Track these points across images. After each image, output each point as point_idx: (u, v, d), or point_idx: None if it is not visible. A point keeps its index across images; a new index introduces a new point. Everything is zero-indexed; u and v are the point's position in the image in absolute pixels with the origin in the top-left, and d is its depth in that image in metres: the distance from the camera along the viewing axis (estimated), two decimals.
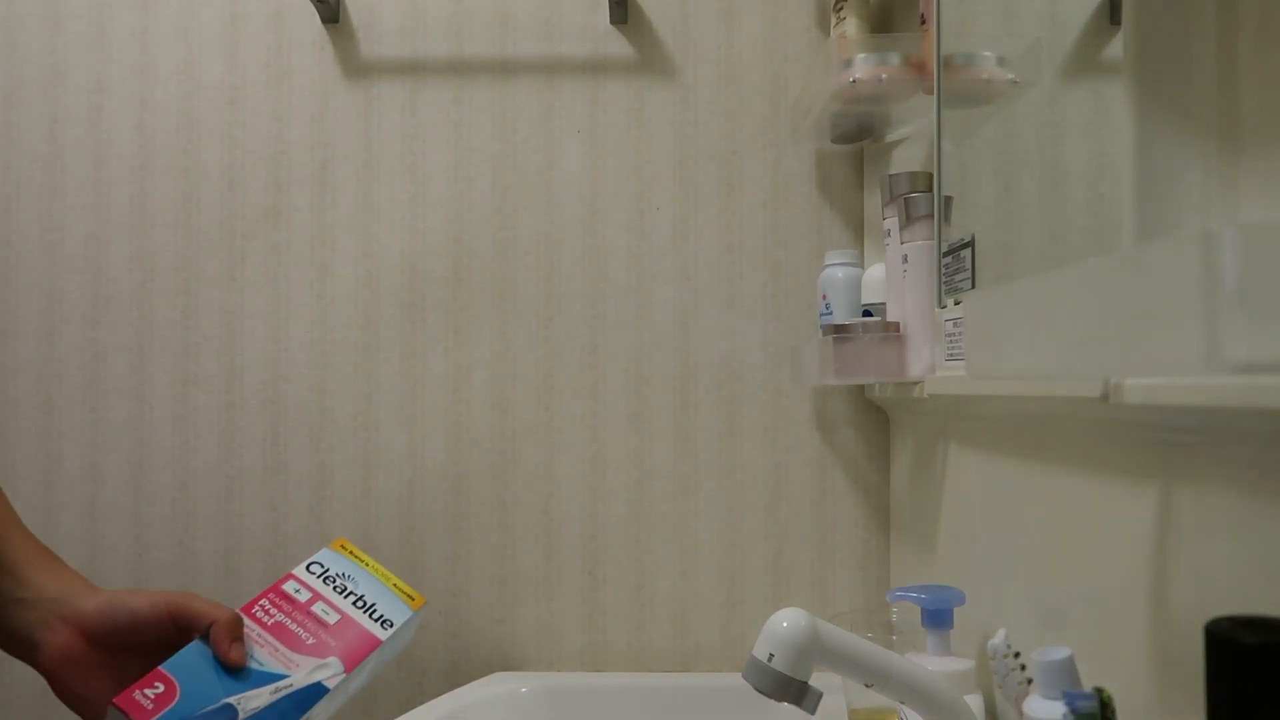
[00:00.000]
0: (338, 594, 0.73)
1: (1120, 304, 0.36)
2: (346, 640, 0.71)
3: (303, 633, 0.70)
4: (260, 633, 0.69)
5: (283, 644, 0.69)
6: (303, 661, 0.68)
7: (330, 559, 0.76)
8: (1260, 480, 0.47)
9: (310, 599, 0.73)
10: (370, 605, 0.74)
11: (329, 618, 0.72)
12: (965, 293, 0.83)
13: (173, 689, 0.62)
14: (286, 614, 0.71)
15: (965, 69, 0.90)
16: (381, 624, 0.73)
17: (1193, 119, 0.55)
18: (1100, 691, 0.50)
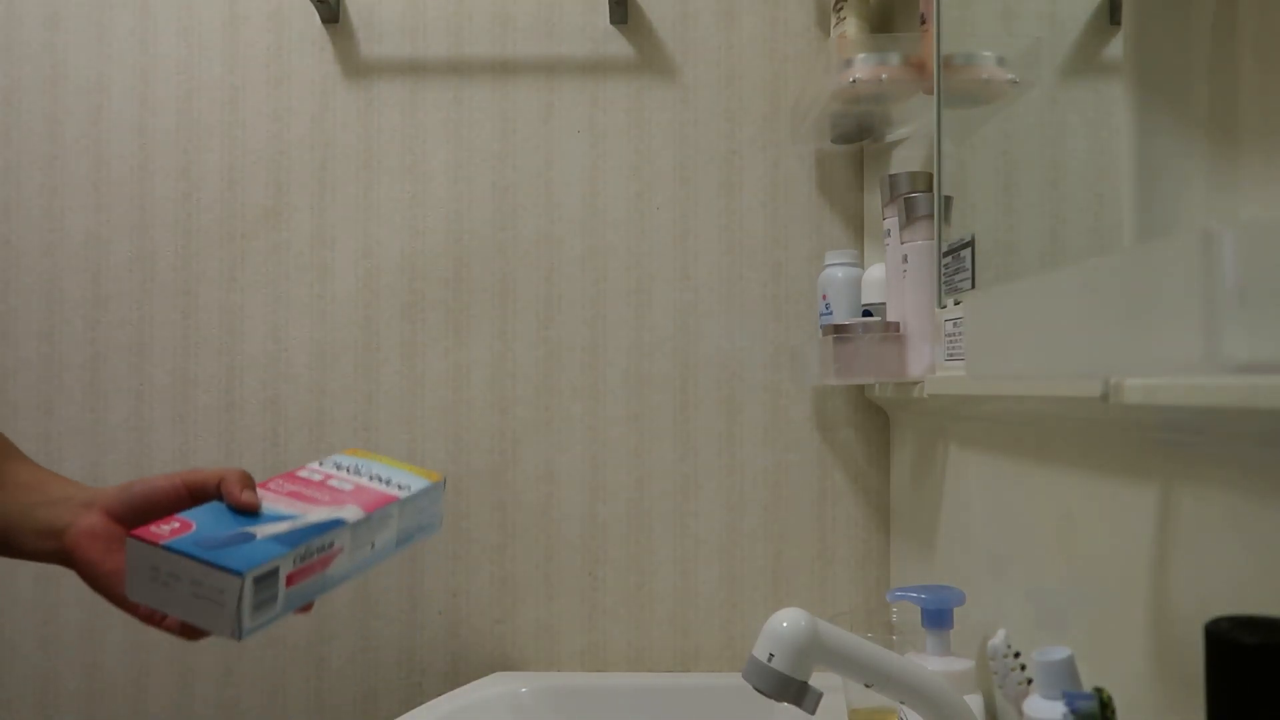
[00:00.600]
0: (353, 474, 0.73)
1: (1120, 304, 0.36)
2: (363, 498, 0.71)
3: (319, 495, 0.70)
4: (276, 496, 0.69)
5: (299, 500, 0.69)
6: (319, 510, 0.68)
7: (343, 458, 0.76)
8: (1260, 480, 0.47)
9: (324, 478, 0.72)
10: (386, 479, 0.74)
11: (344, 486, 0.72)
12: (965, 293, 0.83)
13: (188, 525, 0.63)
14: (301, 485, 0.71)
15: (965, 69, 0.90)
16: (399, 488, 0.73)
17: (1193, 119, 0.55)
18: (1100, 691, 0.50)
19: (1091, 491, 0.64)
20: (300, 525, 0.65)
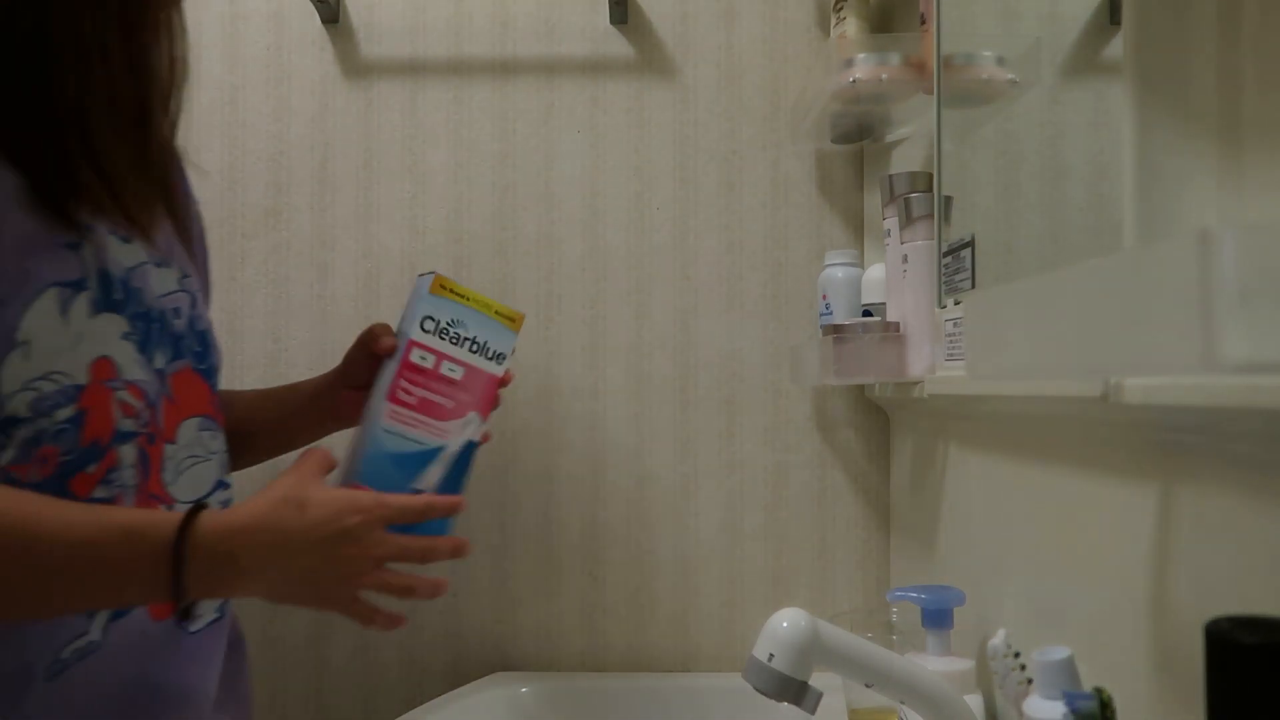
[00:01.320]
0: (455, 345, 0.79)
1: (1120, 304, 0.36)
2: (475, 391, 0.80)
3: (441, 399, 0.79)
4: (411, 415, 0.78)
5: (432, 418, 0.78)
6: (450, 428, 0.79)
7: (436, 307, 0.79)
8: (1260, 480, 0.47)
9: (435, 361, 0.79)
10: (483, 345, 0.80)
11: (456, 374, 0.80)
12: (965, 293, 0.83)
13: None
14: (424, 386, 0.78)
15: (965, 69, 0.90)
16: (496, 360, 0.81)
17: (1193, 119, 0.55)
18: (1100, 691, 0.50)
19: (1091, 491, 0.64)
20: (448, 463, 0.79)
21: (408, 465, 0.77)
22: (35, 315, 0.58)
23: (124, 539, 0.58)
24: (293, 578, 0.65)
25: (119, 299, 0.64)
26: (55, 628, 0.60)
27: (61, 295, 0.59)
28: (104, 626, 0.63)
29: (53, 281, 0.59)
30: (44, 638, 0.60)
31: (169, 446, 0.69)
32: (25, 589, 0.57)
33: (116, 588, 0.59)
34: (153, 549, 0.58)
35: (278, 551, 0.64)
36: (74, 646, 0.61)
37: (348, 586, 0.69)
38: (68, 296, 0.60)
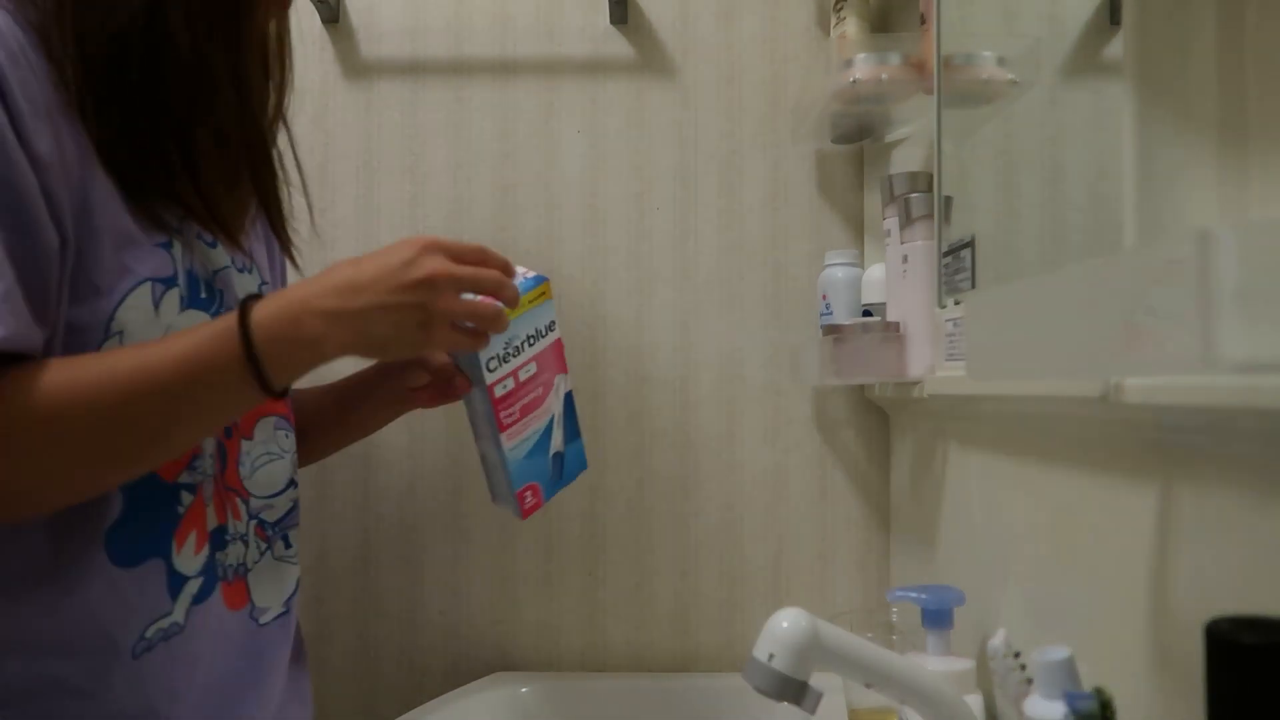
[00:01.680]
0: (518, 355, 0.82)
1: (1120, 304, 0.36)
2: (550, 365, 0.86)
3: (533, 395, 0.85)
4: (520, 424, 0.84)
5: (534, 411, 0.85)
6: (550, 402, 0.86)
7: (487, 350, 0.79)
8: (1260, 480, 0.47)
9: (514, 379, 0.82)
10: (535, 332, 0.83)
11: (531, 370, 0.84)
12: (965, 293, 0.83)
13: (536, 487, 0.86)
14: (518, 400, 0.83)
15: (965, 69, 0.90)
16: (550, 330, 0.85)
17: (1193, 119, 0.55)
18: (1100, 691, 0.50)
19: (1091, 491, 0.64)
20: (563, 421, 0.88)
21: (539, 450, 0.86)
22: (129, 308, 0.60)
23: (206, 342, 0.59)
24: (364, 312, 0.63)
25: (204, 298, 0.66)
26: (139, 606, 0.62)
27: (154, 290, 0.62)
28: (186, 609, 0.65)
29: (146, 277, 0.61)
30: (129, 616, 0.62)
31: (245, 442, 0.72)
32: (147, 421, 0.58)
33: (217, 392, 0.60)
34: (227, 342, 0.60)
35: (341, 289, 0.62)
36: (158, 626, 0.63)
37: (422, 311, 0.64)
38: (160, 292, 0.62)
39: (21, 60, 0.55)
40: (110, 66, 0.59)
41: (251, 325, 0.60)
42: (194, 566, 0.66)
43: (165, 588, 0.64)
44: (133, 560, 0.62)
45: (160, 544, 0.64)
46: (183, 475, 0.66)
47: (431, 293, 0.64)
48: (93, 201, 0.58)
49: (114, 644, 0.61)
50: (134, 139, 0.60)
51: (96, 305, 0.59)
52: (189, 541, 0.66)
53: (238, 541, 0.71)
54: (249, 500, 0.72)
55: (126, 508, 0.62)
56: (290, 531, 0.77)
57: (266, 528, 0.74)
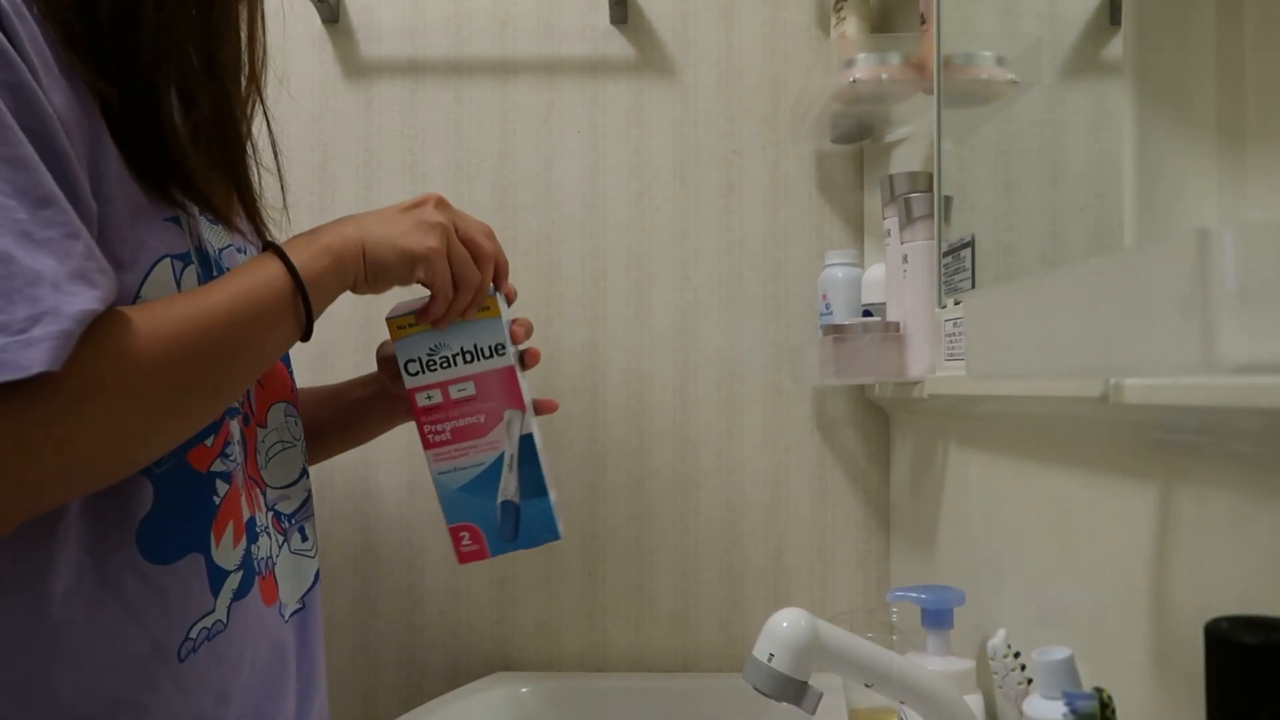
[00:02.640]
0: (447, 368, 0.76)
1: (1120, 304, 0.36)
2: (497, 392, 0.77)
3: (470, 420, 0.77)
4: (452, 449, 0.77)
5: (472, 439, 0.77)
6: (495, 436, 0.77)
7: (408, 348, 0.77)
8: (1260, 480, 0.47)
9: (442, 393, 0.77)
10: (474, 349, 0.77)
11: (468, 390, 0.77)
12: (965, 293, 0.83)
13: (476, 531, 0.78)
14: (447, 419, 0.77)
15: (965, 69, 0.90)
16: (497, 353, 0.77)
17: (1193, 119, 0.55)
18: (1100, 691, 0.50)
19: (1091, 491, 0.64)
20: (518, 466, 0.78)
21: (481, 488, 0.78)
22: (154, 284, 0.58)
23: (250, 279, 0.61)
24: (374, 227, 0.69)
25: (215, 276, 0.65)
26: (180, 605, 0.60)
27: (174, 267, 0.60)
28: (228, 606, 0.63)
29: (164, 253, 0.60)
30: (170, 616, 0.60)
31: (260, 430, 0.71)
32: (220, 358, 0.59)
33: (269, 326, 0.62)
34: (271, 275, 0.62)
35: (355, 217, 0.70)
36: (201, 625, 0.61)
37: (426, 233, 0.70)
38: (179, 269, 0.61)
39: (26, 15, 0.53)
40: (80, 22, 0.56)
41: (288, 252, 0.63)
42: (233, 560, 0.64)
43: (206, 584, 0.62)
44: (169, 556, 0.60)
45: (198, 538, 0.62)
46: (216, 463, 0.63)
47: (439, 215, 0.70)
48: (104, 169, 0.56)
49: (159, 647, 0.59)
50: (129, 104, 0.59)
51: (122, 279, 0.56)
52: (227, 534, 0.64)
53: (264, 534, 0.69)
54: (266, 491, 0.71)
55: (158, 500, 0.60)
56: (306, 524, 0.76)
57: (283, 519, 0.73)
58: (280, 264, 0.63)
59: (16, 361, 0.46)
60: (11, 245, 0.47)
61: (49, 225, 0.49)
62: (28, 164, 0.49)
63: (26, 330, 0.47)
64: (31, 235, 0.48)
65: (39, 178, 0.49)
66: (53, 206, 0.49)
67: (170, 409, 0.56)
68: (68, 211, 0.50)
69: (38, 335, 0.47)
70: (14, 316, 0.47)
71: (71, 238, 0.50)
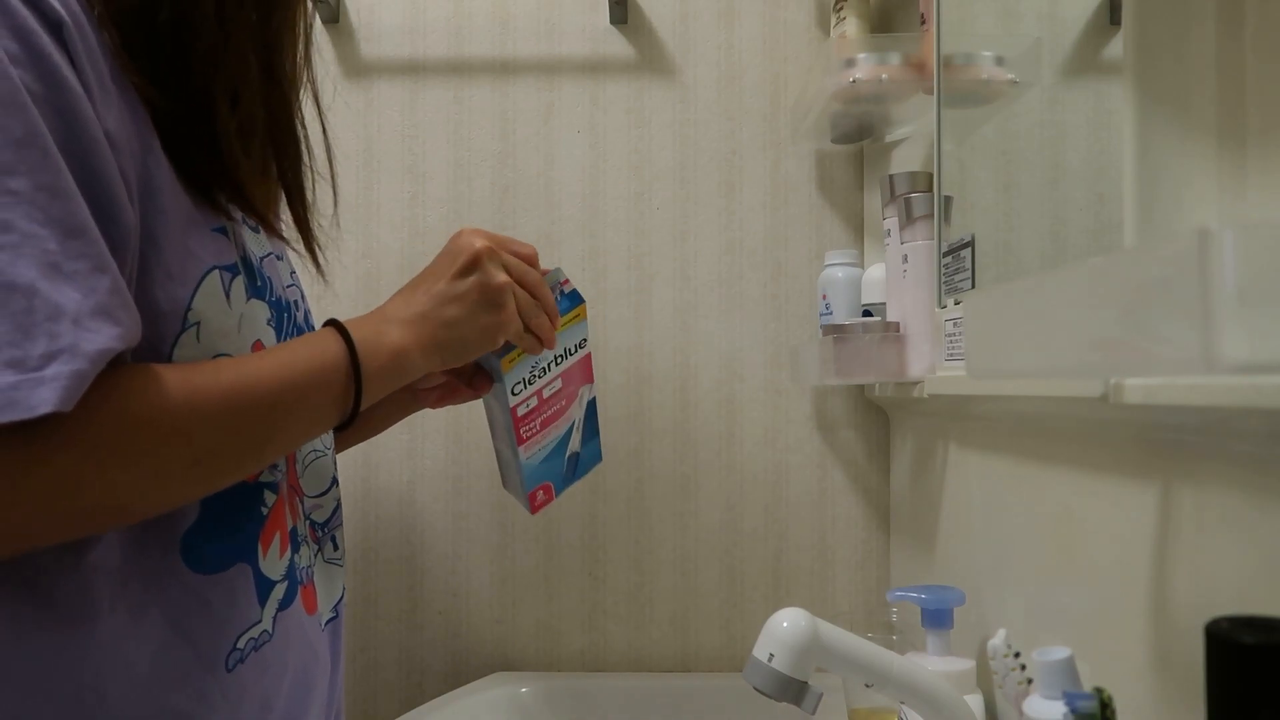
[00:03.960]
0: (543, 376, 0.81)
1: (1120, 304, 0.36)
2: (576, 378, 0.83)
3: (555, 407, 0.83)
4: (540, 435, 0.82)
5: (555, 421, 0.83)
6: (571, 411, 0.84)
7: (514, 375, 0.79)
8: (1260, 480, 0.47)
9: (537, 398, 0.81)
10: (564, 351, 0.81)
11: (556, 386, 0.82)
12: (965, 293, 0.83)
13: (549, 486, 0.86)
14: (538, 416, 0.82)
15: (965, 69, 0.90)
16: (580, 347, 0.83)
17: (1193, 119, 0.55)
18: (1100, 691, 0.50)
19: (1091, 491, 0.64)
20: (583, 426, 0.86)
21: (556, 454, 0.85)
22: (204, 296, 0.58)
23: (306, 357, 0.60)
24: (444, 317, 0.69)
25: (259, 286, 0.64)
26: (228, 616, 0.60)
27: (222, 278, 0.59)
28: (274, 616, 0.63)
29: (213, 264, 0.59)
30: (217, 627, 0.59)
31: None
32: (253, 431, 0.57)
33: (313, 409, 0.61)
34: (330, 358, 0.61)
35: (416, 298, 0.69)
36: (248, 636, 0.61)
37: (499, 312, 0.71)
38: (227, 280, 0.60)
39: (85, 25, 0.52)
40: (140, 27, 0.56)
41: (355, 341, 0.62)
42: (279, 570, 0.63)
43: (254, 594, 0.61)
44: (215, 566, 0.59)
45: (246, 548, 0.61)
46: (265, 474, 0.63)
47: (489, 268, 0.70)
48: (157, 181, 0.55)
49: (204, 658, 0.58)
50: (182, 112, 0.58)
51: (173, 292, 0.56)
52: (274, 544, 0.63)
53: (304, 543, 0.69)
54: (304, 500, 0.71)
55: (204, 511, 0.59)
56: (337, 532, 0.75)
57: (317, 528, 0.73)
58: (342, 349, 0.62)
59: (26, 401, 0.45)
60: (37, 277, 0.47)
61: (78, 257, 0.48)
62: (64, 193, 0.48)
63: (41, 368, 0.46)
64: (60, 267, 0.47)
65: (73, 207, 0.49)
66: (84, 238, 0.49)
67: (181, 476, 0.55)
68: (98, 244, 0.49)
69: (50, 374, 0.46)
70: (30, 353, 0.46)
71: (99, 271, 0.49)
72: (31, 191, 0.47)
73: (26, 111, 0.48)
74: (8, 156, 0.47)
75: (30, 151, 0.47)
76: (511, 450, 0.82)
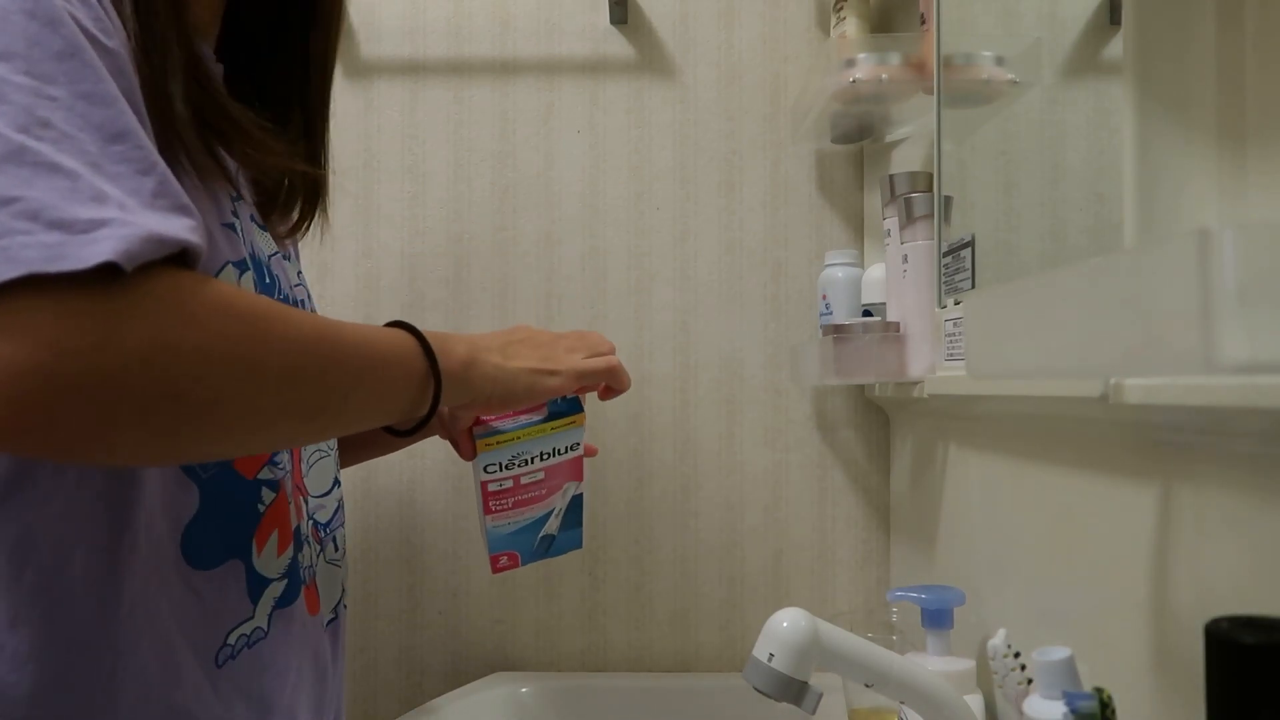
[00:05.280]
0: (525, 466, 0.81)
1: (1120, 304, 0.36)
2: (563, 473, 0.83)
3: (533, 493, 0.82)
4: (511, 514, 0.81)
5: (531, 505, 0.82)
6: (552, 501, 0.83)
7: (489, 458, 0.79)
8: (1260, 480, 0.47)
9: (514, 483, 0.81)
10: (553, 450, 0.81)
11: (538, 477, 0.81)
12: (965, 293, 0.83)
13: (514, 555, 0.84)
14: (511, 496, 0.81)
15: (965, 69, 0.90)
16: (572, 449, 0.83)
17: (1193, 119, 0.55)
18: (1100, 691, 0.50)
19: (1091, 491, 0.64)
20: (563, 514, 0.84)
21: (527, 531, 0.84)
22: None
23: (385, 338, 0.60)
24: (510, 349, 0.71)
25: (269, 283, 0.64)
26: (218, 610, 0.59)
27: (234, 273, 0.59)
28: (269, 613, 0.63)
29: (226, 259, 0.58)
30: (209, 621, 0.59)
31: None
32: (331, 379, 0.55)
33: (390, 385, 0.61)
34: (407, 348, 0.61)
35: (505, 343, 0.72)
36: (239, 632, 0.60)
37: (561, 349, 0.74)
38: (238, 275, 0.59)
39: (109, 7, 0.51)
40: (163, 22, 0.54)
41: (429, 339, 0.63)
42: (276, 569, 0.63)
43: (244, 590, 0.61)
44: (210, 562, 0.59)
45: (240, 544, 0.61)
46: (263, 471, 0.62)
47: (555, 346, 0.74)
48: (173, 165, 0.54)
49: (198, 653, 0.58)
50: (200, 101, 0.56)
51: None
52: (271, 542, 0.63)
53: (306, 543, 0.68)
54: (308, 499, 0.71)
55: (204, 505, 0.58)
56: (338, 533, 0.75)
57: (320, 528, 0.73)
58: (416, 344, 0.62)
59: (77, 254, 0.42)
60: (80, 167, 0.44)
61: (120, 160, 0.46)
62: (105, 99, 0.47)
63: (89, 230, 0.42)
64: (100, 167, 0.45)
65: (114, 114, 0.47)
66: (126, 142, 0.47)
67: (274, 388, 0.50)
68: (143, 147, 0.47)
69: (102, 235, 0.42)
70: (77, 216, 0.43)
71: (142, 174, 0.46)
72: (71, 99, 0.46)
73: (67, 27, 0.47)
74: (48, 67, 0.46)
75: (71, 63, 0.46)
76: (481, 517, 0.82)
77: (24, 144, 0.43)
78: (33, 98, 0.45)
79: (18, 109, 0.44)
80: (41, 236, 0.41)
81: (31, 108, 0.44)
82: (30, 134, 0.44)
